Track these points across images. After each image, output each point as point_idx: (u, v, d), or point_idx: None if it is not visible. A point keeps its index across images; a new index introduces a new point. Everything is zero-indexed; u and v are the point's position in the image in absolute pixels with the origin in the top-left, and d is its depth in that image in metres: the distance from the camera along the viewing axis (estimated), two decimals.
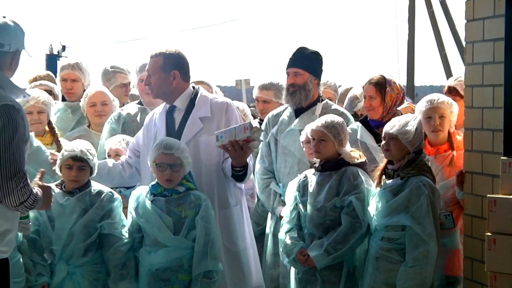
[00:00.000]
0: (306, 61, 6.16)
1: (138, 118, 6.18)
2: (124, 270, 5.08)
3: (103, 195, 5.14)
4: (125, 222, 5.19)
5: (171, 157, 5.03)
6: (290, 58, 6.21)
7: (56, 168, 5.17)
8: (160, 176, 5.07)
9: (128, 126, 6.15)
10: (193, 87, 5.45)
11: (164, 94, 5.36)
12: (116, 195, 5.21)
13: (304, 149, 5.74)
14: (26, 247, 5.03)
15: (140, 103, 6.32)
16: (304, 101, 6.12)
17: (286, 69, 6.21)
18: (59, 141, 5.87)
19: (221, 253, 5.14)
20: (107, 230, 5.09)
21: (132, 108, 6.27)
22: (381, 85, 6.00)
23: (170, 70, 5.28)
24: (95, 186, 5.18)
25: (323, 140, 5.26)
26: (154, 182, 5.13)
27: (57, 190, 5.09)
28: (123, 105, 6.71)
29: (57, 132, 5.94)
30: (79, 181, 5.12)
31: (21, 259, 4.95)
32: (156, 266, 5.02)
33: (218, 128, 5.26)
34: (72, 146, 5.14)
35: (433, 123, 5.54)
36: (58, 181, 5.19)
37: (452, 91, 6.20)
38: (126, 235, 5.14)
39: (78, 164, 5.08)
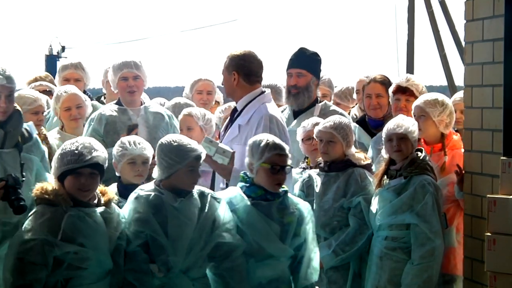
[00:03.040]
0: (309, 62, 6.16)
1: (119, 119, 6.05)
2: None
3: (208, 195, 4.55)
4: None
5: (284, 158, 4.64)
6: (292, 59, 6.19)
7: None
8: (272, 179, 4.60)
9: (110, 127, 6.01)
10: (262, 92, 5.47)
11: (229, 94, 5.62)
12: (217, 194, 4.66)
13: (301, 146, 5.67)
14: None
15: (118, 103, 6.16)
16: (307, 102, 6.12)
17: (288, 70, 6.18)
18: (48, 139, 5.80)
19: None
20: (227, 238, 4.49)
21: (112, 108, 6.12)
22: (387, 84, 6.00)
23: (231, 71, 5.44)
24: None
25: (332, 141, 5.23)
26: (246, 184, 4.67)
27: (165, 191, 4.45)
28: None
29: (43, 132, 5.88)
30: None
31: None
32: (268, 278, 4.59)
33: (246, 138, 5.19)
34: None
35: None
36: (155, 180, 4.54)
37: (406, 91, 6.01)
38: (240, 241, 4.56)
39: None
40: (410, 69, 23.31)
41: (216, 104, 7.43)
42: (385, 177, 5.16)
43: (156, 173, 4.50)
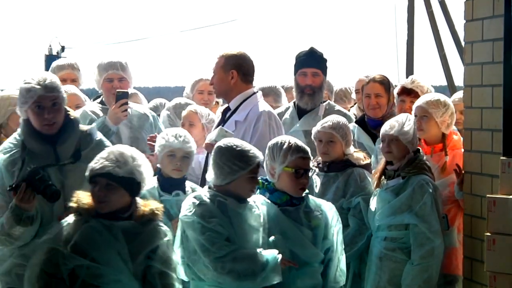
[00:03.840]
0: (321, 62, 6.16)
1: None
2: None
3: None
4: None
5: (308, 161, 4.46)
6: (304, 58, 6.14)
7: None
8: (296, 183, 4.41)
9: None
10: (255, 92, 5.52)
11: (223, 93, 5.64)
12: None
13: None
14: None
15: (102, 102, 6.01)
16: (319, 102, 6.11)
17: (301, 68, 6.12)
18: None
19: None
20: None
21: (95, 107, 5.99)
22: (386, 84, 6.00)
23: (229, 69, 5.47)
24: None
25: (331, 141, 5.23)
26: (269, 190, 4.48)
27: (228, 198, 4.25)
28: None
29: None
30: None
31: None
32: (308, 287, 4.42)
33: (244, 134, 5.25)
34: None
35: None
36: (209, 185, 4.34)
37: (411, 93, 6.04)
38: None
39: None
40: (409, 69, 23.31)
41: (216, 105, 7.43)
42: (383, 177, 5.17)
43: (211, 177, 4.29)
